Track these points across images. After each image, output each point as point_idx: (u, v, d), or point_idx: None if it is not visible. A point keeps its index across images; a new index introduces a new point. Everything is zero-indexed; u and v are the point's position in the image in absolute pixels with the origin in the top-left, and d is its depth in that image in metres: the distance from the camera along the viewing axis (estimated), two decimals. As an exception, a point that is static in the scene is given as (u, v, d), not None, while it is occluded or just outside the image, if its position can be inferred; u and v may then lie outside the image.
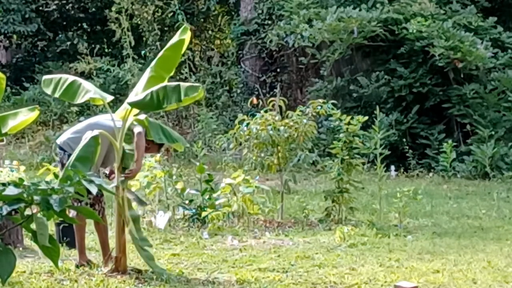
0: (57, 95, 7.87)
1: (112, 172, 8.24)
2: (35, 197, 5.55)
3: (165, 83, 7.77)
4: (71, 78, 7.93)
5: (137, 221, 7.87)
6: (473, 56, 17.44)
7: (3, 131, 6.92)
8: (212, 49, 24.75)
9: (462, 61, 17.54)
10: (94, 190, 5.71)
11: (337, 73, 19.66)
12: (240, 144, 11.77)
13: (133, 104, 7.73)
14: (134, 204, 10.67)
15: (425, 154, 17.90)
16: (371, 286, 7.64)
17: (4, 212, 5.50)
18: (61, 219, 6.63)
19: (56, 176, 5.86)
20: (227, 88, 22.52)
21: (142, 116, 8.04)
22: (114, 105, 13.93)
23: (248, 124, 11.51)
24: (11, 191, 5.51)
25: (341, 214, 11.38)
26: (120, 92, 19.98)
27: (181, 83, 7.67)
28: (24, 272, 7.74)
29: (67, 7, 25.68)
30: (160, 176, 10.91)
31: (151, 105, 7.66)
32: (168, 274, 7.76)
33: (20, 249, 8.91)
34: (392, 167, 16.85)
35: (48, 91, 7.91)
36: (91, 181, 5.75)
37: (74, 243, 8.87)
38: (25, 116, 7.04)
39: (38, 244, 5.76)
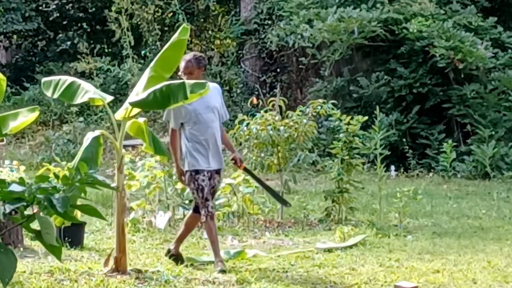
0: (56, 96, 7.81)
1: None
2: (38, 196, 5.51)
3: (167, 82, 7.72)
4: (70, 79, 7.90)
5: None
6: (474, 56, 17.43)
7: (4, 132, 6.90)
8: (212, 49, 24.73)
9: (462, 61, 17.53)
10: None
11: (337, 73, 19.64)
12: (240, 144, 11.76)
13: (135, 104, 7.65)
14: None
15: (425, 154, 17.89)
16: (371, 286, 7.63)
17: (7, 210, 5.47)
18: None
19: (56, 176, 5.81)
20: (227, 88, 22.50)
21: (141, 119, 8.02)
22: (114, 105, 13.95)
23: (248, 124, 11.51)
24: (15, 187, 5.48)
25: (341, 214, 11.37)
26: (120, 92, 19.98)
27: (186, 81, 7.61)
28: (24, 272, 7.73)
29: (67, 7, 25.67)
30: (160, 176, 10.90)
31: (155, 104, 7.62)
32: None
33: (20, 249, 8.91)
34: (392, 167, 16.84)
35: (48, 93, 7.87)
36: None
37: (75, 243, 8.91)
38: (25, 117, 7.03)
39: (42, 243, 5.70)
